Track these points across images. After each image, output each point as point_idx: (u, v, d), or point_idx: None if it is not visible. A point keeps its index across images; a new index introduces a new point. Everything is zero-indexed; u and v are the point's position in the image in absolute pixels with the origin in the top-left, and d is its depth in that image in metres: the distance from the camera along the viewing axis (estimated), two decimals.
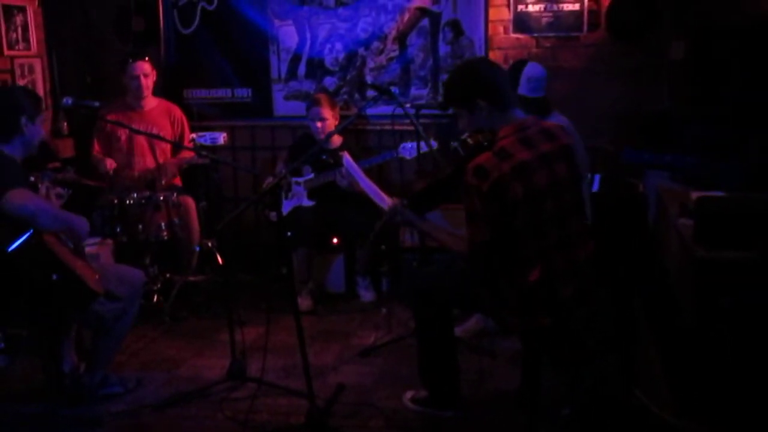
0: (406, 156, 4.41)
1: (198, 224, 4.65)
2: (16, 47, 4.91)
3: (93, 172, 4.65)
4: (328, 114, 4.63)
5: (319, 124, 4.63)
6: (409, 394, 3.33)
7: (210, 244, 4.52)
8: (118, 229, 4.31)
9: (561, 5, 4.77)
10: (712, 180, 3.35)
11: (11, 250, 2.95)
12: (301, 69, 5.20)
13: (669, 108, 4.53)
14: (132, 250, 4.40)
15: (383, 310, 4.38)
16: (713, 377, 2.66)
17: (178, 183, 4.87)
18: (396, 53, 5.03)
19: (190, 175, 4.90)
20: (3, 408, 3.39)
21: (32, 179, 3.29)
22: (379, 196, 3.18)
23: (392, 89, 4.12)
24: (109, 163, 4.60)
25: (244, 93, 5.31)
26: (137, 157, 4.76)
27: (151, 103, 4.83)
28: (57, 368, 3.42)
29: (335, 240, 4.86)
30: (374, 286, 4.81)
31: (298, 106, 5.16)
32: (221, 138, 4.41)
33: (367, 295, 4.75)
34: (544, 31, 4.82)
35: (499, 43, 4.89)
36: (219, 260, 4.45)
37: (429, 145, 3.91)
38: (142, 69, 4.70)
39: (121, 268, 3.61)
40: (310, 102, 4.73)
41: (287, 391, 3.42)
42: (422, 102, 4.73)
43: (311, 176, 4.74)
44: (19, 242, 2.95)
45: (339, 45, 5.11)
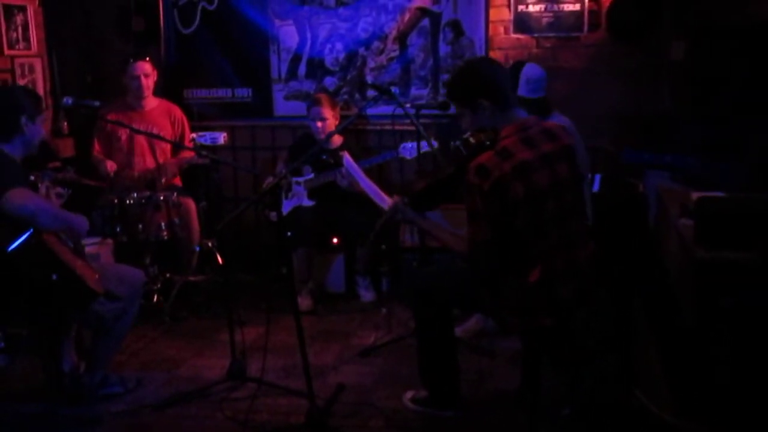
0: (407, 156, 4.41)
1: (198, 224, 4.65)
2: (17, 47, 4.91)
3: (93, 172, 4.65)
4: (329, 114, 4.63)
5: (319, 123, 4.63)
6: (409, 394, 3.33)
7: (210, 244, 4.52)
8: (118, 229, 4.31)
9: (561, 5, 4.77)
10: (713, 180, 3.35)
11: (11, 249, 2.95)
12: (302, 69, 5.20)
13: (669, 108, 4.53)
14: (132, 250, 4.40)
15: (383, 310, 4.38)
16: (713, 377, 2.66)
17: (178, 184, 4.87)
18: (396, 53, 5.03)
19: (190, 175, 4.90)
20: (3, 407, 3.39)
21: (32, 179, 3.28)
22: (379, 196, 3.18)
23: (392, 89, 4.12)
24: (110, 166, 4.60)
25: (244, 93, 5.31)
26: (137, 157, 4.77)
27: (151, 103, 4.83)
28: (57, 368, 3.41)
29: (335, 240, 4.86)
30: (374, 286, 4.81)
31: (298, 106, 5.16)
32: (221, 138, 4.41)
33: (367, 295, 4.75)
34: (545, 32, 4.82)
35: (500, 44, 4.88)
36: (219, 260, 4.45)
37: (430, 144, 3.91)
38: (143, 69, 4.70)
39: (121, 267, 3.61)
40: (311, 102, 4.73)
41: (287, 391, 3.42)
42: (422, 102, 4.72)
43: (311, 176, 4.74)
44: (19, 242, 2.95)
45: (339, 45, 5.11)
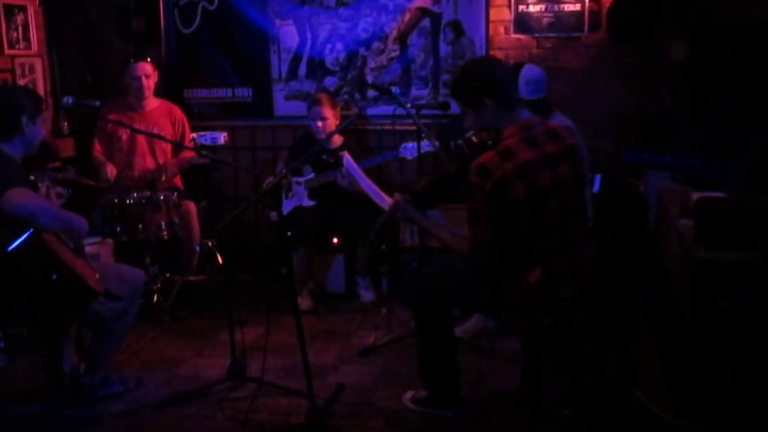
0: (407, 156, 4.41)
1: (198, 224, 4.65)
2: (17, 46, 4.90)
3: (93, 172, 4.64)
4: (329, 113, 4.63)
5: (319, 123, 4.63)
6: (409, 394, 3.33)
7: (210, 244, 4.52)
8: (118, 229, 4.30)
9: (562, 6, 4.77)
10: (713, 180, 3.35)
11: (11, 249, 2.95)
12: (302, 69, 5.20)
13: (669, 108, 4.53)
14: (132, 250, 4.40)
15: (383, 310, 4.38)
16: (713, 377, 2.66)
17: (179, 184, 4.87)
18: (397, 53, 5.03)
19: (190, 175, 4.90)
20: (3, 407, 3.38)
21: (32, 178, 3.29)
22: (379, 196, 3.17)
23: (393, 89, 4.12)
24: (110, 171, 4.59)
25: (244, 93, 5.31)
26: (138, 157, 4.77)
27: (152, 103, 4.84)
28: (57, 368, 3.42)
29: (335, 240, 4.86)
30: (374, 286, 4.80)
31: (298, 106, 5.16)
32: (222, 138, 4.41)
33: (367, 295, 4.75)
34: (545, 32, 4.82)
35: (500, 44, 4.88)
36: (219, 260, 4.45)
37: (433, 143, 3.90)
38: (144, 70, 4.71)
39: (121, 267, 3.61)
40: (311, 101, 4.73)
41: (287, 390, 3.42)
42: (423, 102, 4.73)
43: (312, 176, 4.74)
44: (19, 241, 2.95)
45: (340, 45, 5.11)
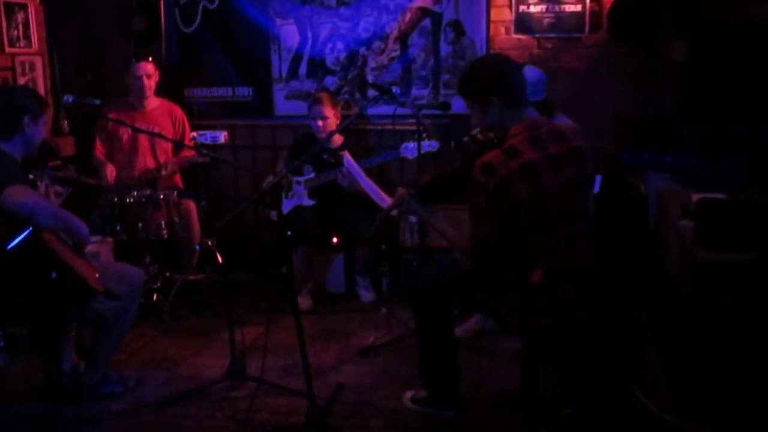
0: (408, 156, 4.40)
1: (198, 223, 4.65)
2: (17, 45, 4.90)
3: (93, 171, 4.64)
4: (330, 113, 4.63)
5: (320, 122, 4.63)
6: (409, 393, 3.32)
7: (210, 243, 4.52)
8: (118, 228, 4.30)
9: (563, 6, 4.77)
10: (713, 180, 3.35)
11: (11, 247, 2.95)
12: (302, 68, 5.20)
13: (670, 109, 4.53)
14: (132, 249, 4.39)
15: (383, 310, 4.38)
16: (713, 377, 2.66)
17: (179, 184, 4.87)
18: (397, 53, 5.03)
19: (190, 174, 4.90)
20: (3, 407, 3.38)
21: (31, 177, 3.28)
22: (380, 195, 3.18)
23: (393, 89, 4.12)
24: (110, 172, 4.58)
25: (245, 92, 5.31)
26: (139, 157, 4.77)
27: (153, 103, 4.84)
28: (57, 367, 3.41)
29: (335, 240, 4.86)
30: (374, 286, 4.80)
31: (298, 105, 5.16)
32: (222, 137, 4.41)
33: (367, 295, 4.75)
34: (546, 32, 4.82)
35: (501, 44, 4.88)
36: (219, 259, 4.45)
37: (439, 140, 3.90)
38: (145, 69, 4.71)
39: (121, 266, 3.61)
40: (312, 101, 4.73)
41: (287, 390, 3.42)
42: (423, 102, 4.73)
43: (312, 175, 4.73)
44: (18, 240, 2.95)
45: (340, 44, 5.11)
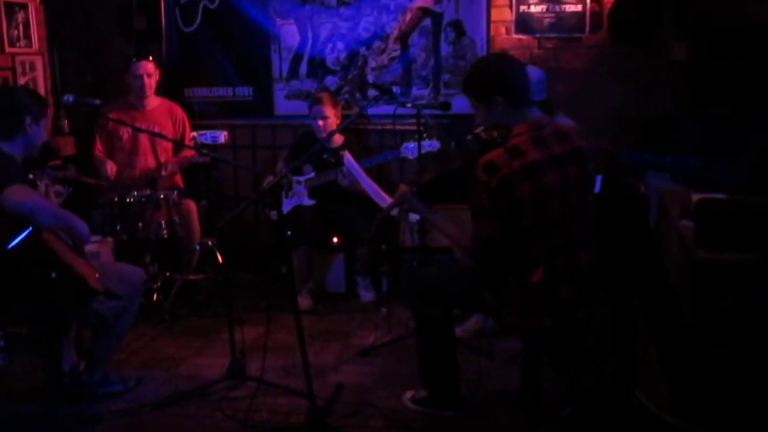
0: (409, 156, 4.40)
1: (198, 223, 4.65)
2: (18, 44, 4.91)
3: (94, 171, 4.65)
4: (330, 112, 4.63)
5: (320, 122, 4.63)
6: (408, 393, 3.32)
7: (210, 243, 4.52)
8: (118, 228, 4.30)
9: (563, 6, 4.77)
10: (713, 181, 3.35)
11: (11, 247, 2.95)
12: (303, 68, 5.20)
13: (670, 109, 4.53)
14: (132, 249, 4.39)
15: (383, 310, 4.37)
16: (713, 377, 2.66)
17: (179, 184, 4.87)
18: (398, 53, 5.03)
19: (191, 174, 4.90)
20: (3, 407, 3.38)
21: (31, 177, 3.28)
22: (380, 195, 3.18)
23: (394, 89, 4.12)
24: (110, 168, 4.59)
25: (245, 92, 5.31)
26: (139, 156, 4.77)
27: (153, 102, 4.84)
28: (57, 367, 3.41)
29: (335, 239, 4.86)
30: (374, 286, 4.80)
31: (299, 105, 5.16)
32: (222, 137, 4.41)
33: (367, 295, 4.74)
34: (546, 32, 4.82)
35: (501, 44, 4.88)
36: (219, 259, 4.45)
37: (442, 139, 3.90)
38: (146, 69, 4.71)
39: (121, 266, 3.60)
40: (312, 100, 4.73)
41: (287, 390, 3.42)
42: (423, 102, 4.72)
43: (312, 175, 4.73)
44: (18, 239, 2.95)
45: (341, 44, 5.11)
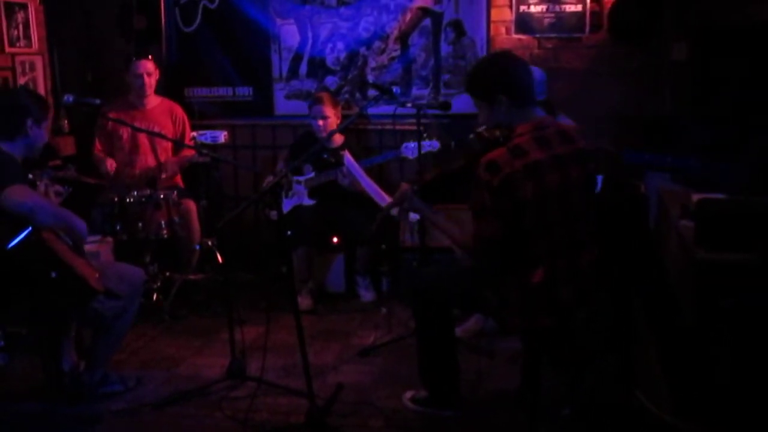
0: (409, 156, 4.41)
1: (198, 223, 4.65)
2: (18, 44, 4.91)
3: (94, 170, 4.65)
4: (330, 112, 4.62)
5: (320, 122, 4.63)
6: (408, 393, 3.32)
7: (210, 243, 4.52)
8: (118, 227, 4.30)
9: (563, 6, 4.77)
10: (713, 181, 3.35)
11: (10, 247, 2.95)
12: (303, 68, 5.20)
13: (670, 109, 4.53)
14: (132, 249, 4.39)
15: (383, 310, 4.38)
16: (713, 377, 2.66)
17: (180, 184, 4.87)
18: (398, 53, 5.03)
19: (190, 174, 4.90)
20: (3, 406, 3.38)
21: (31, 177, 3.28)
22: (380, 195, 3.18)
23: (394, 89, 4.12)
24: (110, 164, 4.60)
25: (245, 92, 5.31)
26: (139, 156, 4.77)
27: (153, 101, 4.84)
28: (57, 366, 3.41)
29: (335, 239, 4.86)
30: (374, 286, 4.80)
31: (299, 105, 5.16)
32: (222, 136, 4.41)
33: (367, 295, 4.74)
34: (546, 32, 4.82)
35: (501, 44, 4.88)
36: (219, 259, 4.44)
37: (442, 139, 3.91)
38: (146, 68, 4.71)
39: (121, 266, 3.60)
40: (313, 100, 4.73)
41: (287, 390, 3.42)
42: (423, 102, 4.72)
43: (312, 175, 4.73)
44: (18, 239, 2.95)
45: (341, 44, 5.11)
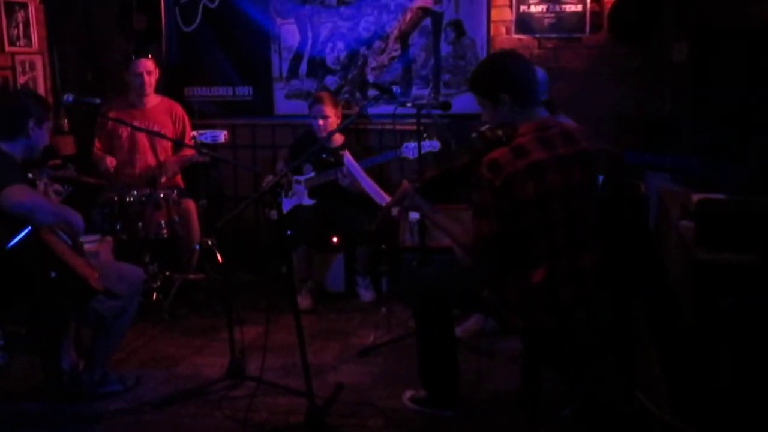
0: (409, 156, 4.41)
1: (198, 222, 4.64)
2: (18, 44, 4.90)
3: (94, 170, 4.64)
4: (330, 112, 4.62)
5: (321, 121, 4.62)
6: (408, 393, 3.32)
7: (210, 243, 4.52)
8: (117, 227, 4.30)
9: (563, 6, 4.77)
10: (713, 181, 3.35)
11: (10, 246, 2.95)
12: (303, 68, 5.20)
13: (670, 109, 4.53)
14: (132, 248, 4.39)
15: (383, 310, 4.37)
16: (713, 377, 2.66)
17: (180, 184, 4.87)
18: (398, 53, 5.03)
19: (190, 173, 4.89)
20: (2, 406, 3.38)
21: (30, 176, 3.28)
22: (380, 195, 3.17)
23: (394, 89, 4.13)
24: (110, 161, 4.60)
25: (245, 91, 5.31)
26: (139, 155, 4.76)
27: (153, 100, 4.83)
28: (56, 366, 3.41)
29: (335, 239, 4.85)
30: (374, 286, 4.80)
31: (299, 104, 5.16)
32: (222, 136, 4.41)
33: (366, 295, 4.74)
34: (547, 32, 4.82)
35: (501, 44, 4.87)
36: (219, 258, 4.45)
37: (443, 139, 3.90)
38: (146, 66, 4.70)
39: (120, 265, 3.60)
40: (313, 99, 4.73)
41: (286, 390, 3.41)
42: (423, 102, 4.73)
43: (312, 175, 4.73)
44: (18, 239, 2.95)
45: (341, 44, 5.11)
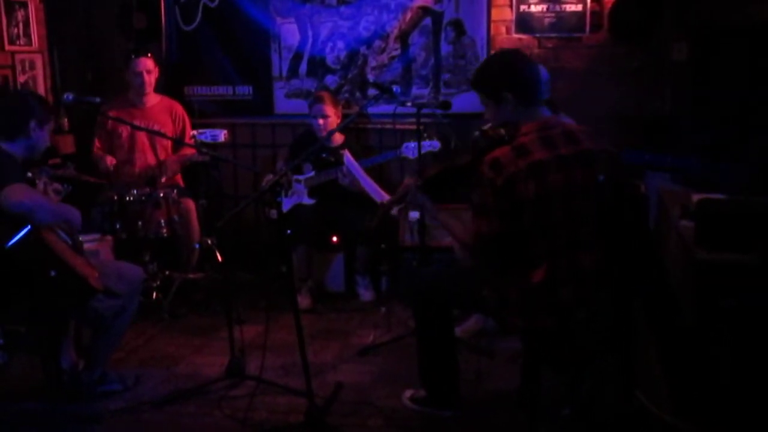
0: (409, 155, 4.41)
1: (198, 222, 4.64)
2: (18, 42, 4.90)
3: (93, 169, 4.64)
4: (331, 111, 4.62)
5: (321, 121, 4.62)
6: (408, 393, 3.32)
7: (210, 242, 4.52)
8: (117, 226, 4.30)
9: (563, 6, 4.77)
10: (713, 181, 3.35)
11: (10, 245, 2.95)
12: (303, 67, 5.19)
13: (670, 109, 4.53)
14: (131, 247, 4.39)
15: (382, 309, 4.37)
16: (713, 377, 2.66)
17: (179, 183, 4.87)
18: (398, 52, 5.03)
19: (190, 173, 4.89)
20: (2, 405, 3.38)
21: (29, 175, 3.28)
22: (380, 194, 3.18)
23: (394, 88, 4.12)
24: (110, 160, 4.60)
25: (245, 90, 5.31)
26: (138, 154, 4.76)
27: (152, 99, 4.83)
28: (56, 365, 3.40)
29: (335, 239, 4.85)
30: (374, 285, 4.80)
31: (299, 104, 5.16)
32: (222, 135, 4.41)
33: (366, 294, 4.74)
34: (547, 32, 4.81)
35: (502, 44, 4.87)
36: (219, 258, 4.45)
37: (442, 139, 3.91)
38: (145, 65, 4.70)
39: (120, 265, 3.60)
40: (313, 99, 4.73)
41: (286, 389, 3.41)
42: (423, 101, 4.72)
43: (312, 174, 4.73)
44: (17, 238, 2.95)
45: (341, 43, 5.11)
